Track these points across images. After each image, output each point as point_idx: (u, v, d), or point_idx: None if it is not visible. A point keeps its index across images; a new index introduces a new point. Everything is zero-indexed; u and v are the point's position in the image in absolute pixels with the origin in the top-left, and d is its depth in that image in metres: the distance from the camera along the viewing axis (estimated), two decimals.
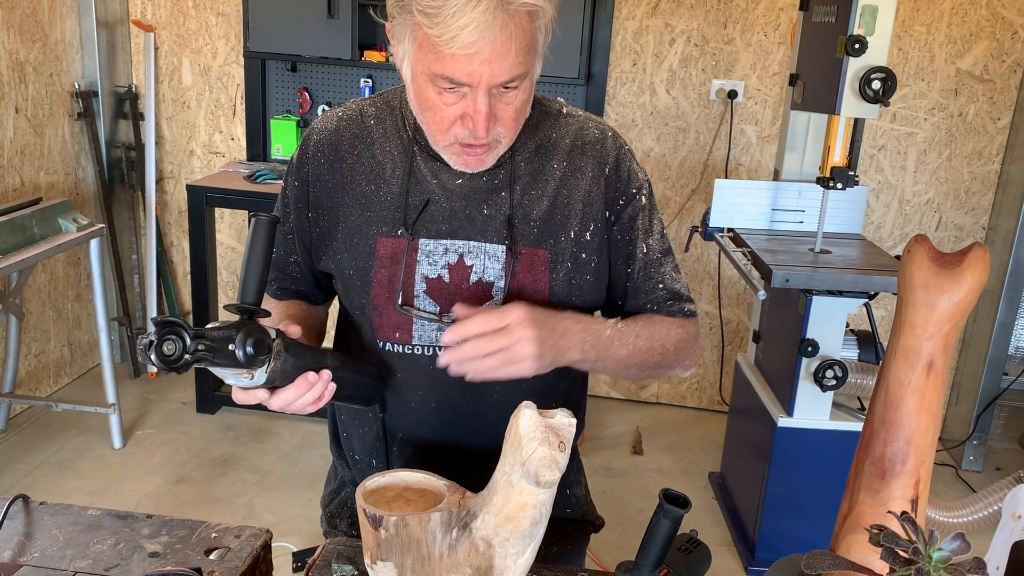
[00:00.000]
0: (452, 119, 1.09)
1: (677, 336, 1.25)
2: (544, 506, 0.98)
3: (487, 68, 1.02)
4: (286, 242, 1.29)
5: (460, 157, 1.14)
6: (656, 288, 1.26)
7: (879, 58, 2.30)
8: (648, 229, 1.26)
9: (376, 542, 1.00)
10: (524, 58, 1.04)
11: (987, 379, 3.36)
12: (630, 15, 3.41)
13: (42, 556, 1.06)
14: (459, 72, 1.03)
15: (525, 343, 1.06)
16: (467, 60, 1.01)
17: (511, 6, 1.00)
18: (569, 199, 1.22)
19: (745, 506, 2.85)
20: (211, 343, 0.93)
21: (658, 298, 1.26)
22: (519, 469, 0.95)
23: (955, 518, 2.39)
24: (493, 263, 1.20)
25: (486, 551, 0.99)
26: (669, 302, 1.27)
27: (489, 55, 1.01)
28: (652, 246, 1.26)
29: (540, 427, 0.95)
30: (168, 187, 3.86)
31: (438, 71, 1.04)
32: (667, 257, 1.28)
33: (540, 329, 1.07)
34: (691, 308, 1.29)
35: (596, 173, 1.23)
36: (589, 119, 1.27)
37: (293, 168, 1.27)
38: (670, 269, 1.28)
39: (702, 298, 3.68)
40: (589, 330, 1.15)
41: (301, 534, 2.74)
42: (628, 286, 1.27)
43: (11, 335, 3.16)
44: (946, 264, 0.84)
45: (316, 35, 3.31)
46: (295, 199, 1.26)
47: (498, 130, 1.10)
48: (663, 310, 1.27)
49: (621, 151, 1.25)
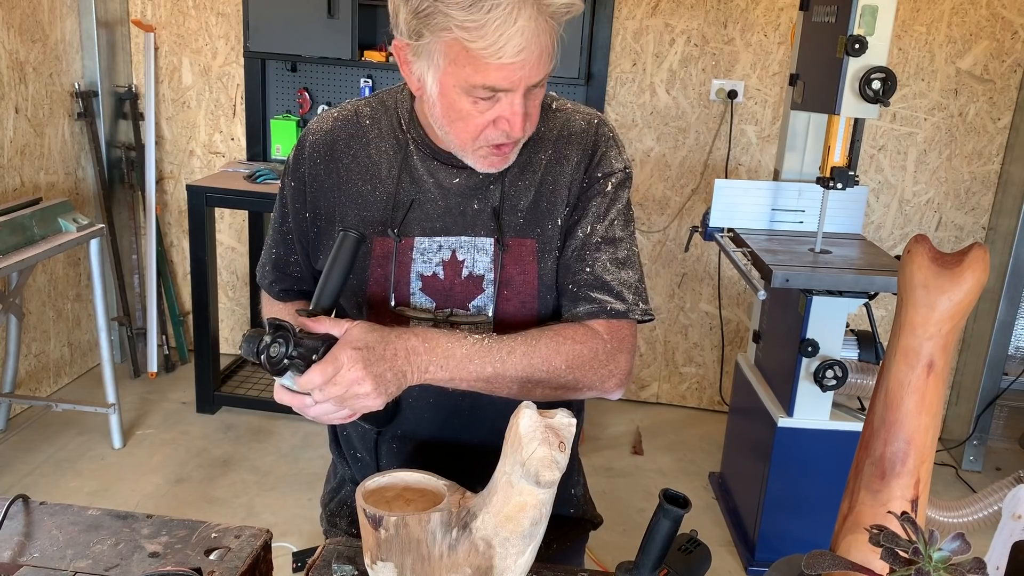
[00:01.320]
0: (484, 124, 1.10)
1: (571, 353, 1.13)
2: (544, 506, 0.98)
3: (523, 72, 1.05)
4: (286, 243, 1.30)
5: (488, 159, 1.15)
6: (583, 270, 1.19)
7: (879, 58, 2.29)
8: (600, 214, 1.21)
9: (376, 542, 1.00)
10: (549, 58, 1.08)
11: (987, 379, 3.36)
12: (630, 15, 3.41)
13: (42, 556, 1.06)
14: (502, 80, 1.05)
15: (358, 384, 1.01)
16: (513, 68, 1.04)
17: (548, 9, 1.03)
18: (554, 187, 1.22)
19: (745, 506, 2.85)
20: (303, 351, 1.00)
21: (581, 281, 1.19)
22: (519, 469, 0.95)
23: (955, 518, 2.39)
24: (482, 256, 1.21)
25: (486, 551, 0.99)
26: (592, 290, 1.18)
27: (535, 59, 1.04)
28: (596, 230, 1.20)
29: (540, 427, 0.95)
30: (168, 187, 3.86)
31: (478, 82, 1.05)
32: (609, 246, 1.20)
33: (372, 363, 1.02)
34: (616, 306, 1.18)
35: (579, 160, 1.23)
36: (576, 111, 1.27)
37: (290, 168, 1.28)
38: (606, 258, 1.19)
39: (702, 298, 3.69)
40: (437, 349, 1.08)
41: (301, 534, 2.74)
42: (561, 263, 1.21)
43: (11, 335, 3.16)
44: (946, 264, 0.84)
45: (316, 35, 3.31)
46: (292, 199, 1.27)
47: (528, 128, 1.13)
48: (583, 296, 1.19)
49: (602, 138, 1.24)
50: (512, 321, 1.22)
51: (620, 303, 1.18)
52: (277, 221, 1.31)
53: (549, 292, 1.23)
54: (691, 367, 3.81)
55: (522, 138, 1.15)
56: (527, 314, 1.22)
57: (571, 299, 1.20)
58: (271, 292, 1.36)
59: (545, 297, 1.23)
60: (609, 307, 1.18)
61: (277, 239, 1.32)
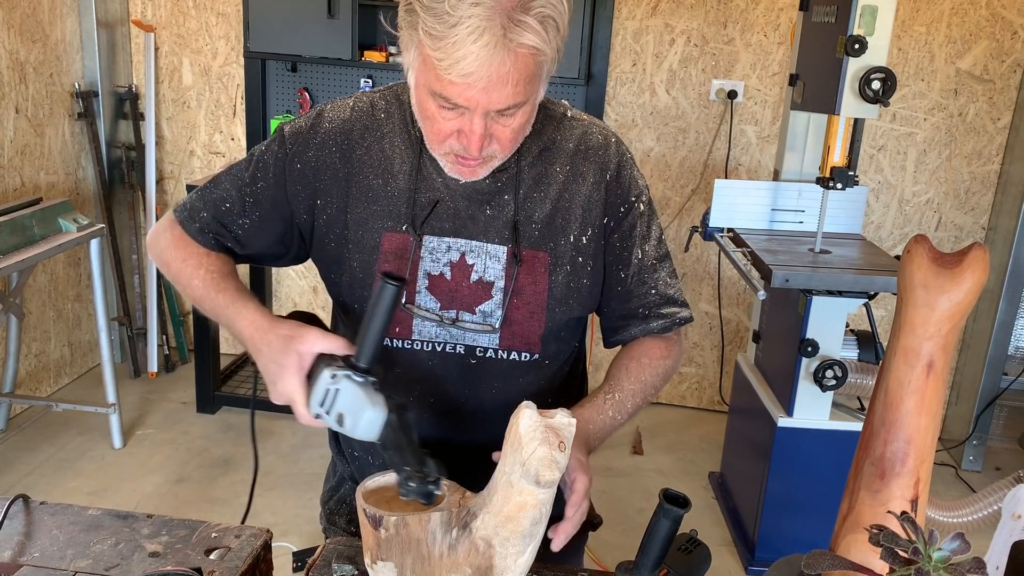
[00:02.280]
0: (448, 132, 1.10)
1: (664, 369, 1.30)
2: (544, 506, 0.98)
3: (484, 96, 1.03)
4: (243, 203, 1.25)
5: (454, 167, 1.15)
6: (649, 293, 1.28)
7: (879, 58, 2.29)
8: (645, 235, 1.28)
9: (376, 542, 1.00)
10: (524, 88, 1.05)
11: (987, 379, 3.36)
12: (630, 15, 3.41)
13: (42, 556, 1.06)
14: (456, 96, 1.04)
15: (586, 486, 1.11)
16: (465, 87, 1.02)
17: (512, 43, 1.01)
18: (570, 203, 1.23)
19: (745, 506, 2.85)
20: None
21: (650, 303, 1.28)
22: (519, 469, 0.96)
23: (955, 518, 2.40)
24: (494, 263, 1.21)
25: (486, 551, 0.99)
26: (661, 307, 1.29)
27: (486, 85, 1.02)
28: (648, 252, 1.28)
29: (540, 427, 0.96)
30: (168, 187, 3.86)
31: (437, 90, 1.05)
32: (663, 263, 1.30)
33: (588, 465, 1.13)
34: (683, 314, 1.31)
35: (597, 179, 1.24)
36: (593, 123, 1.28)
37: (286, 142, 1.24)
38: (665, 275, 1.30)
39: (702, 298, 3.69)
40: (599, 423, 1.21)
41: (301, 534, 2.74)
42: (621, 290, 1.28)
43: (11, 335, 3.16)
44: (946, 264, 0.84)
45: (316, 35, 3.31)
46: (289, 178, 1.23)
47: (493, 148, 1.11)
48: (654, 315, 1.29)
49: (623, 158, 1.27)
50: (519, 330, 1.23)
51: (685, 310, 1.31)
52: (241, 180, 1.26)
53: (559, 305, 1.23)
54: (691, 367, 3.81)
55: (491, 157, 1.13)
56: (534, 324, 1.23)
57: (643, 319, 1.30)
58: (196, 236, 1.27)
59: (554, 309, 1.23)
60: (678, 317, 1.30)
61: (233, 195, 1.25)
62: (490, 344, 1.22)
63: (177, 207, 1.30)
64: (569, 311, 1.25)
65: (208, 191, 1.28)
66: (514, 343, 1.23)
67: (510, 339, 1.22)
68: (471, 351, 1.23)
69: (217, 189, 1.28)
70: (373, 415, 1.04)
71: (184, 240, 1.27)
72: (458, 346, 1.23)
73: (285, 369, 1.08)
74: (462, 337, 1.22)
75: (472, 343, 1.23)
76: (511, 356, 1.24)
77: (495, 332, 1.21)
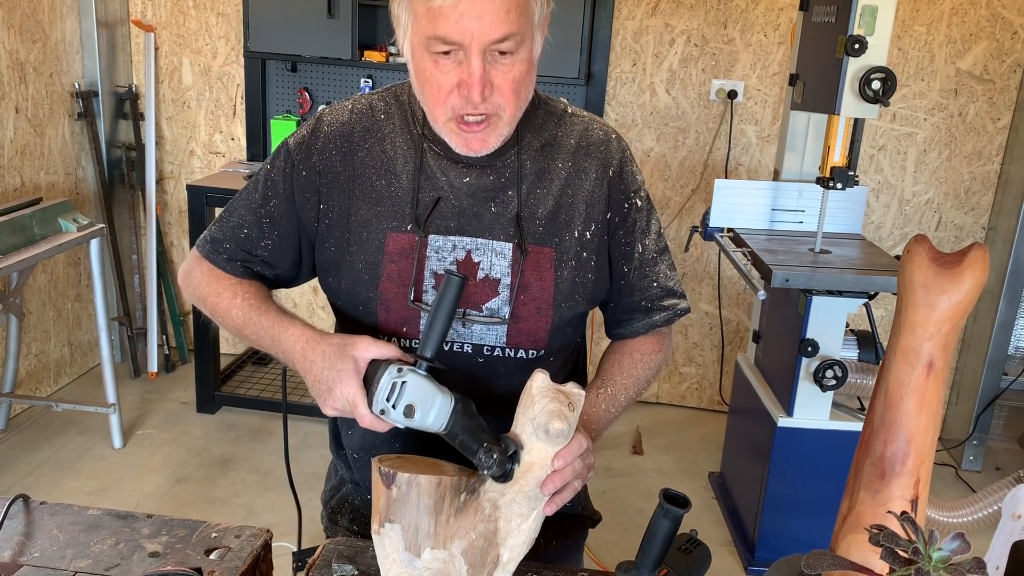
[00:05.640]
0: (449, 88, 1.09)
1: (655, 363, 1.33)
2: (550, 468, 1.03)
3: (476, 24, 1.03)
4: (260, 225, 1.25)
5: (460, 136, 1.13)
6: (651, 286, 1.31)
7: (879, 58, 2.30)
8: (645, 229, 1.30)
9: (387, 502, 1.02)
10: (517, 17, 1.05)
11: (987, 379, 3.36)
12: (630, 15, 3.41)
13: (42, 556, 1.06)
14: (450, 30, 1.04)
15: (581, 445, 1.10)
16: (457, 16, 1.03)
17: None
18: (574, 199, 1.24)
19: (745, 506, 2.85)
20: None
21: (652, 295, 1.31)
22: (529, 425, 1.02)
23: (955, 518, 2.40)
24: (500, 260, 1.21)
25: (492, 513, 1.03)
26: (663, 299, 1.32)
27: (479, 12, 1.02)
28: (648, 245, 1.30)
29: (552, 388, 1.03)
30: (168, 187, 3.86)
31: (431, 32, 1.05)
32: (663, 256, 1.32)
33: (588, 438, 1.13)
34: (683, 305, 1.34)
35: (600, 175, 1.25)
36: (593, 120, 1.29)
37: (294, 156, 1.24)
38: (665, 267, 1.32)
39: (702, 298, 3.68)
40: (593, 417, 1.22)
41: (301, 534, 2.74)
42: (623, 284, 1.30)
43: (11, 335, 3.16)
44: (946, 264, 0.84)
45: (316, 35, 3.31)
46: (296, 187, 1.24)
47: (496, 101, 1.10)
48: (656, 308, 1.31)
49: (624, 154, 1.28)
50: (526, 327, 1.23)
51: (684, 300, 1.34)
52: (254, 203, 1.26)
53: (565, 300, 1.24)
54: (691, 367, 3.81)
55: (496, 116, 1.12)
56: (541, 320, 1.23)
57: (645, 312, 1.32)
58: (225, 266, 1.27)
59: (560, 305, 1.23)
60: (679, 308, 1.34)
61: (249, 220, 1.25)
62: (497, 343, 1.23)
63: (198, 243, 1.29)
64: (575, 306, 1.25)
65: (224, 221, 1.28)
66: (521, 340, 1.23)
67: (517, 337, 1.23)
68: (478, 350, 1.23)
69: (232, 217, 1.27)
70: (443, 401, 1.06)
71: (215, 273, 1.27)
72: (466, 345, 1.23)
73: (343, 374, 1.08)
74: (469, 336, 1.23)
75: (479, 342, 1.23)
76: (518, 354, 1.24)
77: (504, 323, 1.22)
